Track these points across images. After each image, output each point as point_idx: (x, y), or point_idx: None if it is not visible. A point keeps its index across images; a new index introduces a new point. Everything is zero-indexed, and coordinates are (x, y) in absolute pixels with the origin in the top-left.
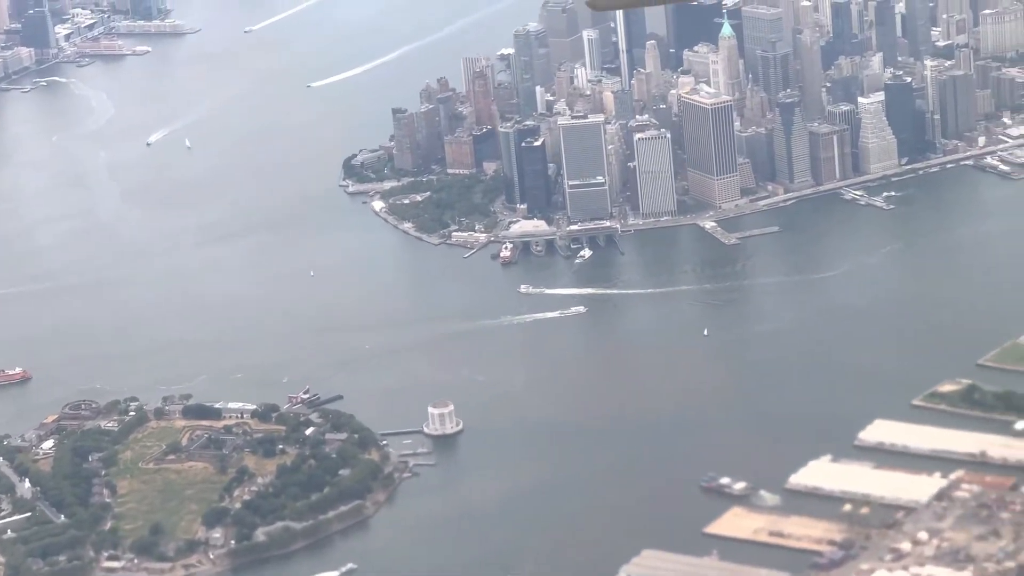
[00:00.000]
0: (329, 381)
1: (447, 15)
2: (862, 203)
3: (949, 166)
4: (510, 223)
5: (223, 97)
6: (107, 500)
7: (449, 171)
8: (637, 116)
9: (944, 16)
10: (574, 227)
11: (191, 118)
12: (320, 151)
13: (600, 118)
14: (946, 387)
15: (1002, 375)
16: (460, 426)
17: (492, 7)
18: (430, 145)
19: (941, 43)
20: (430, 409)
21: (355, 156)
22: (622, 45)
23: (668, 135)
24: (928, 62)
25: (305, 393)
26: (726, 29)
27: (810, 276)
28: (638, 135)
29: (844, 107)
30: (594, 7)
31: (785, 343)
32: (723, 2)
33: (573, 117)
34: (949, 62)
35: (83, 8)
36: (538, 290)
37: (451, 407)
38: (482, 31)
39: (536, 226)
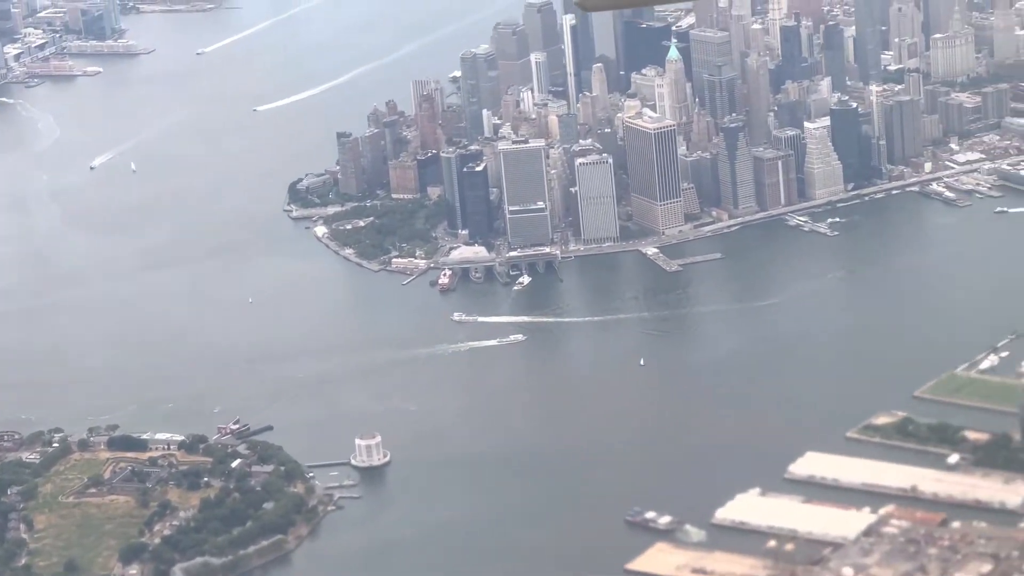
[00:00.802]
0: (260, 411)
1: (403, 36)
2: (806, 229)
3: (895, 192)
4: (450, 249)
5: (171, 120)
6: (23, 536)
7: (394, 196)
8: (581, 140)
9: (896, 40)
10: (514, 253)
11: (138, 141)
12: (266, 175)
13: (540, 143)
14: (881, 419)
15: (937, 407)
16: (387, 458)
17: (450, 27)
18: (375, 170)
19: (893, 67)
20: (357, 441)
21: (300, 180)
22: (570, 68)
23: (610, 160)
24: (874, 87)
25: (235, 424)
26: (673, 52)
27: (751, 304)
28: (579, 160)
29: (790, 132)
30: (583, 7)
31: (721, 373)
32: (677, 25)
33: (514, 142)
34: (900, 86)
35: (35, 28)
36: (471, 318)
37: (378, 438)
38: (439, 53)
39: (476, 252)
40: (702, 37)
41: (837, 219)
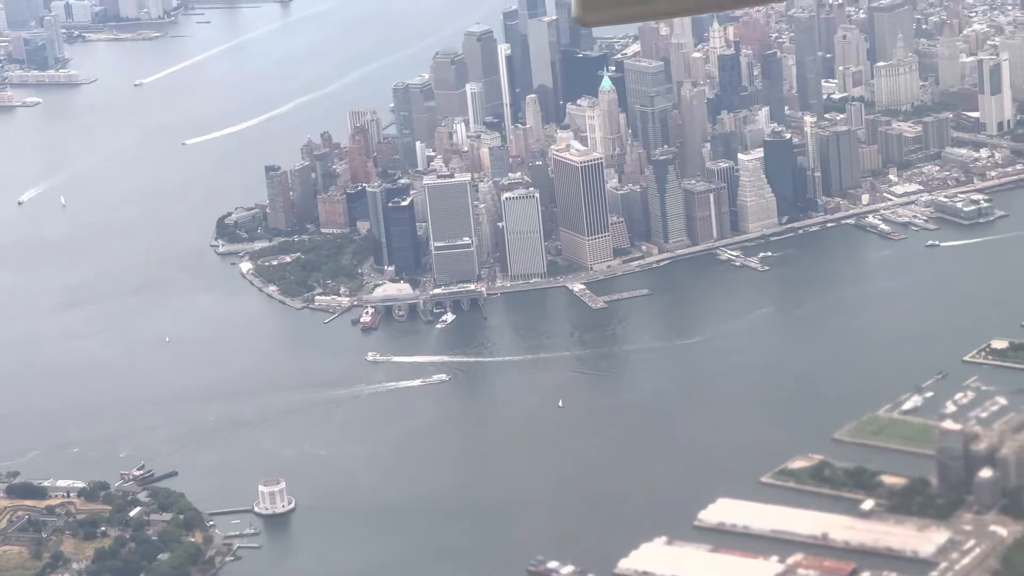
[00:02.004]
0: (167, 456)
1: (347, 66)
2: (737, 264)
3: (830, 225)
4: (375, 286)
5: (104, 152)
6: None
7: (323, 231)
8: (510, 174)
9: (840, 68)
10: (438, 291)
11: (69, 174)
12: (196, 210)
13: (467, 177)
14: (797, 463)
15: (856, 450)
16: (292, 504)
17: (396, 56)
18: (305, 204)
19: (837, 95)
20: (260, 487)
21: (229, 215)
22: (506, 99)
23: (537, 194)
24: (807, 118)
25: (139, 469)
26: (606, 83)
27: (675, 342)
28: (506, 194)
29: (723, 164)
30: (582, 23)
31: (639, 415)
32: (622, 53)
33: (439, 176)
34: (841, 115)
35: None
36: (386, 358)
37: (282, 485)
38: (384, 81)
39: (400, 289)
40: (636, 67)
41: (769, 253)
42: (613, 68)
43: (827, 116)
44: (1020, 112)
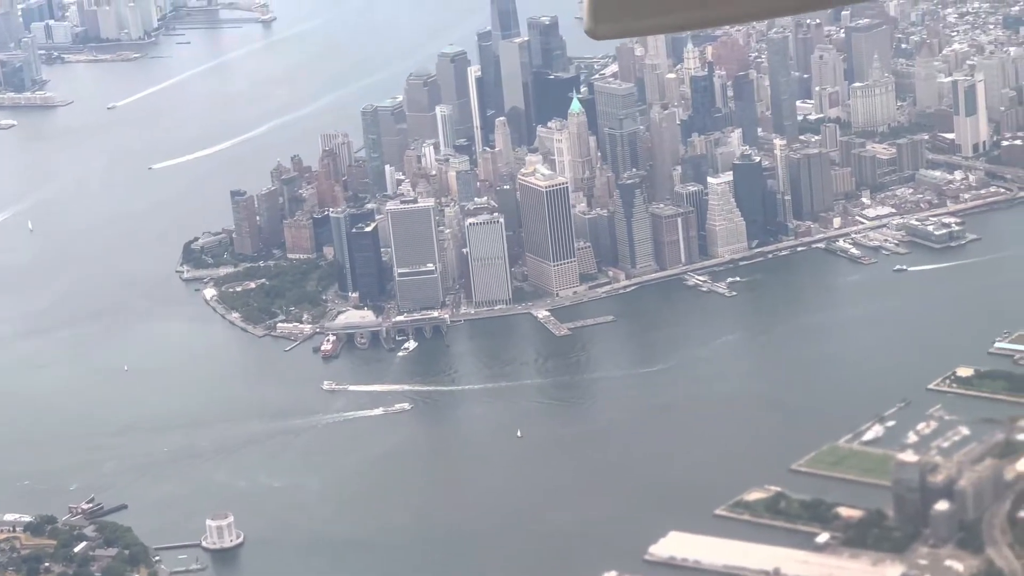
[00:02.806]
0: (118, 488)
1: (325, 87)
2: (704, 290)
3: (800, 249)
4: (338, 313)
5: (73, 176)
6: None
7: (289, 256)
8: (476, 199)
9: (817, 89)
10: (400, 318)
11: (38, 198)
12: (164, 234)
13: (430, 203)
14: (753, 495)
15: (814, 481)
16: (240, 539)
17: (375, 77)
18: (272, 229)
19: (814, 116)
20: (208, 521)
21: (196, 240)
22: (476, 121)
23: (501, 219)
24: (777, 141)
25: (88, 503)
26: (575, 105)
27: (637, 370)
28: (470, 220)
29: (692, 188)
30: (593, 36)
31: (597, 445)
32: (600, 73)
33: (403, 202)
34: (816, 137)
35: None
36: (341, 387)
37: (231, 518)
38: (362, 103)
39: (362, 317)
40: (607, 88)
41: (737, 278)
42: (585, 89)
43: (802, 138)
44: (996, 134)
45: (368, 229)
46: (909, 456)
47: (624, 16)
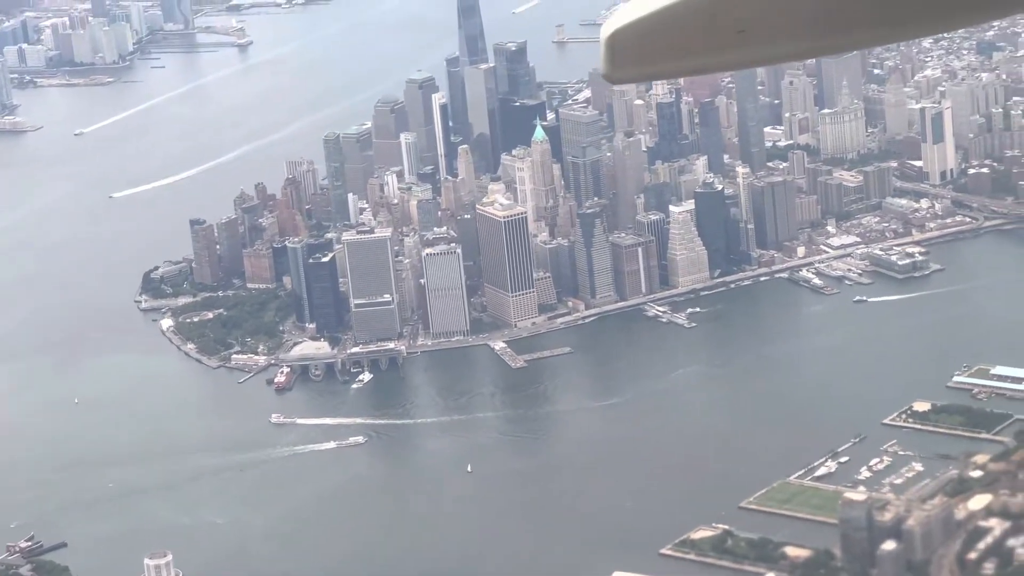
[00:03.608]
0: (60, 526)
1: (296, 112)
2: (664, 320)
3: (763, 279)
4: (293, 344)
5: (36, 204)
6: None
7: (249, 286)
8: (436, 228)
9: (787, 115)
10: (356, 349)
11: None
12: (125, 263)
13: (387, 233)
14: (700, 533)
15: (763, 519)
16: None
17: (348, 102)
18: (232, 258)
19: (784, 143)
20: (146, 560)
21: (157, 268)
22: (440, 149)
23: (458, 250)
24: (740, 168)
25: (27, 541)
26: (538, 133)
27: (592, 404)
28: (427, 250)
29: (653, 216)
30: (610, 80)
31: (545, 482)
32: (573, 99)
33: (359, 232)
34: (784, 164)
35: None
36: (290, 420)
37: (169, 557)
38: (332, 129)
39: (318, 348)
40: (571, 116)
41: (697, 309)
42: (553, 116)
43: (770, 164)
44: (964, 161)
45: (325, 260)
46: (857, 494)
47: (643, 60)
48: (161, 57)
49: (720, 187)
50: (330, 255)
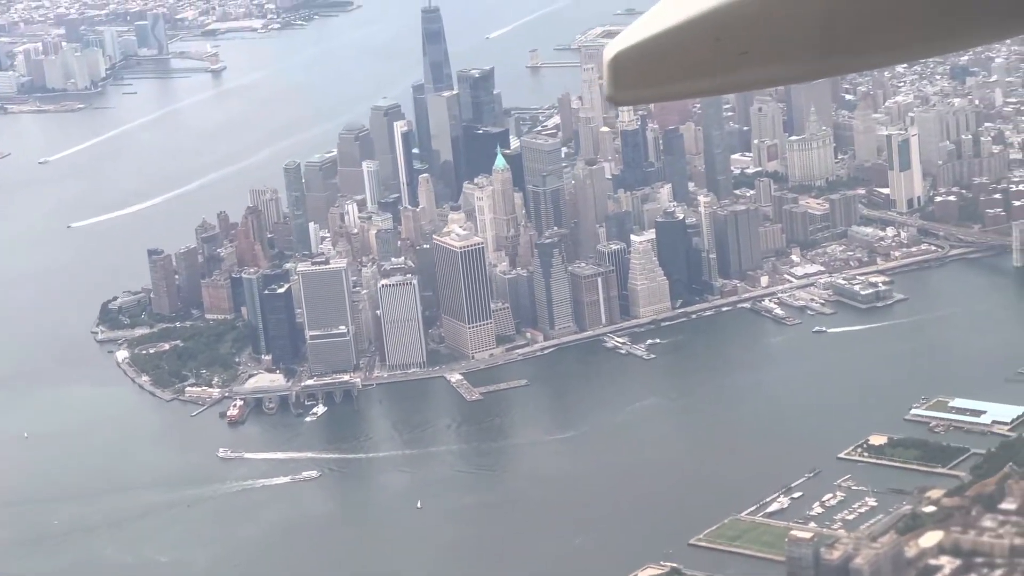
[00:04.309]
0: (2, 565)
1: (266, 139)
2: (623, 352)
3: (725, 309)
4: (249, 377)
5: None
6: None
7: (207, 316)
8: (393, 259)
9: (756, 142)
10: (310, 381)
11: None
12: (84, 294)
13: (343, 263)
14: (647, 571)
15: (711, 557)
16: None
17: (319, 129)
18: (191, 288)
19: (752, 170)
20: None
21: (115, 299)
22: (402, 178)
23: (415, 281)
24: (703, 197)
25: None
26: (499, 161)
27: (547, 437)
28: (383, 281)
29: (614, 246)
30: (614, 102)
31: (494, 518)
32: (543, 124)
33: (313, 263)
34: (751, 192)
35: None
36: (237, 454)
37: None
38: (300, 157)
39: (272, 380)
40: (533, 144)
41: (657, 340)
42: (518, 144)
43: (736, 192)
44: (932, 189)
45: (280, 290)
46: (805, 531)
47: (646, 82)
48: (133, 83)
49: (682, 216)
50: (286, 286)
